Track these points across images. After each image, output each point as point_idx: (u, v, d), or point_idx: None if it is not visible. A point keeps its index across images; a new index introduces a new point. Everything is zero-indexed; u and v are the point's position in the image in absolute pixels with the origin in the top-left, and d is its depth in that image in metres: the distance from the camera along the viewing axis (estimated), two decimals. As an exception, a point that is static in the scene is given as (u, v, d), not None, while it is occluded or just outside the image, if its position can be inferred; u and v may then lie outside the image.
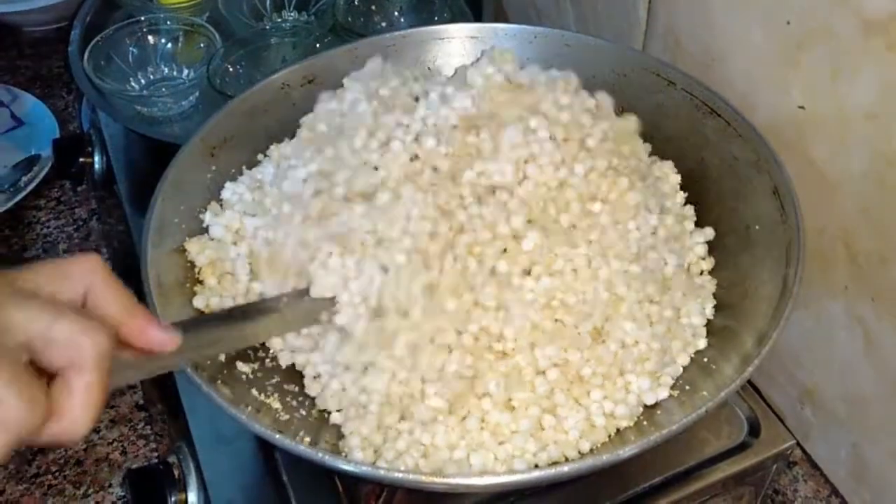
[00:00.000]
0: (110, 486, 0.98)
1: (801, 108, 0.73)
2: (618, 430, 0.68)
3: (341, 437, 0.68)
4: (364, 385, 0.68)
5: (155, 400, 1.02)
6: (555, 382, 0.67)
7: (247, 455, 0.80)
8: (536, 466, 0.64)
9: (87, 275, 0.50)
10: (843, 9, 0.65)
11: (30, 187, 1.27)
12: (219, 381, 0.66)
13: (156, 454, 1.01)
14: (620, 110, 0.87)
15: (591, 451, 0.66)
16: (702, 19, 0.83)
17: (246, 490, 0.78)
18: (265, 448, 0.79)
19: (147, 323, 0.53)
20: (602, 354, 0.68)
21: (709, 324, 0.74)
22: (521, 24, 0.92)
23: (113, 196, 1.14)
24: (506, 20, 1.25)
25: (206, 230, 0.79)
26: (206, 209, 0.80)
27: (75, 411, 0.47)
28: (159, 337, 0.53)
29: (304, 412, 0.70)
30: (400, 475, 0.60)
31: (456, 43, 0.92)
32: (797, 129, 0.74)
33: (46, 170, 1.29)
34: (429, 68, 0.92)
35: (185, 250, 0.76)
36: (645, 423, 0.68)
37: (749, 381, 0.86)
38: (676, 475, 0.77)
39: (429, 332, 0.66)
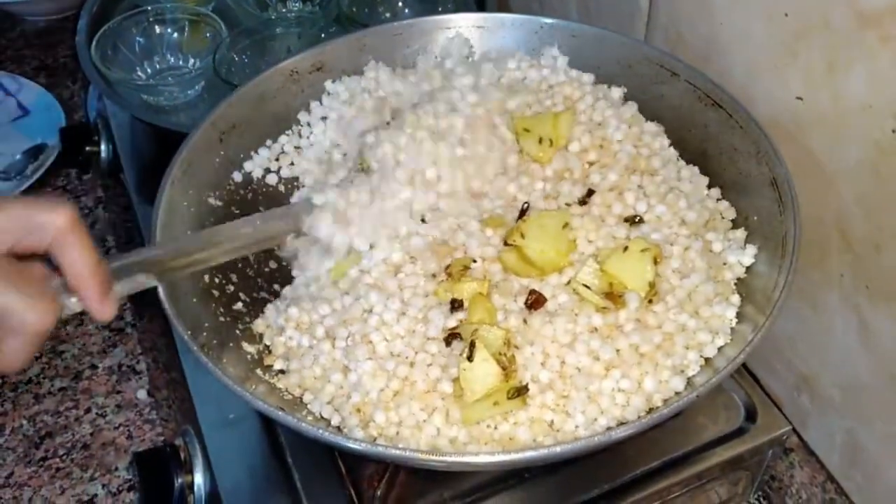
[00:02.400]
0: (116, 469, 0.99)
1: (800, 99, 0.74)
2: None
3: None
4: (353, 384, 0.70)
5: (161, 386, 1.03)
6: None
7: (252, 437, 0.81)
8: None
9: (56, 230, 0.54)
10: (839, 2, 0.66)
11: (36, 175, 1.28)
12: (225, 362, 0.67)
13: (161, 439, 1.02)
14: (624, 100, 0.89)
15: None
16: (703, 11, 0.84)
17: (251, 471, 0.79)
18: (270, 431, 0.81)
19: (88, 295, 0.57)
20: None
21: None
22: (528, 15, 0.93)
23: (119, 184, 1.15)
24: (508, 10, 1.26)
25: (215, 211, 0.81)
26: (214, 194, 0.81)
27: (9, 366, 0.53)
28: (94, 311, 0.58)
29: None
30: (398, 452, 0.61)
31: (462, 32, 0.93)
32: (795, 120, 0.75)
33: (52, 158, 1.30)
34: (436, 57, 0.93)
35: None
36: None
37: (747, 370, 0.87)
38: (674, 459, 0.79)
39: None
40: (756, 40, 0.78)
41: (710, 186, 0.81)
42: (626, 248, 0.73)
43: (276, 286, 0.80)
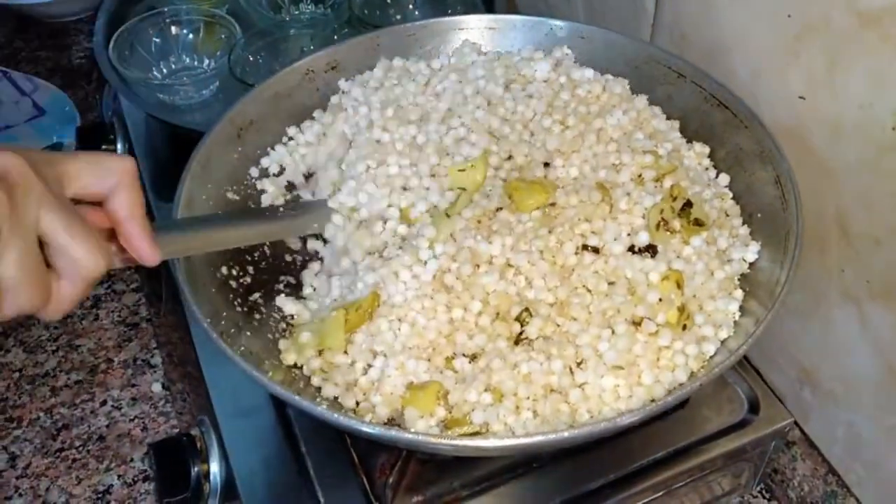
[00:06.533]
0: (132, 460, 1.01)
1: (802, 98, 0.76)
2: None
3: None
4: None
5: (175, 379, 1.05)
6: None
7: (267, 427, 0.83)
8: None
9: (121, 174, 0.58)
10: (840, 2, 0.68)
11: (52, 174, 1.30)
12: (242, 349, 0.69)
13: (175, 431, 1.04)
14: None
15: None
16: (707, 12, 0.86)
17: (266, 460, 0.81)
18: (284, 420, 0.82)
19: (140, 236, 0.59)
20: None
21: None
22: (536, 16, 0.95)
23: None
24: (516, 11, 1.28)
25: (233, 205, 0.83)
26: (231, 188, 0.83)
27: (57, 309, 0.55)
28: (144, 252, 0.60)
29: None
30: (410, 436, 0.63)
31: (475, 33, 0.96)
32: (797, 119, 0.77)
33: (68, 157, 1.32)
34: (449, 54, 0.95)
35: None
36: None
37: (750, 363, 0.89)
38: (679, 450, 0.81)
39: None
40: (759, 41, 0.80)
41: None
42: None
43: (291, 278, 0.82)
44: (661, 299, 0.72)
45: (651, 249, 0.76)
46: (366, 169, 0.83)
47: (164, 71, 1.19)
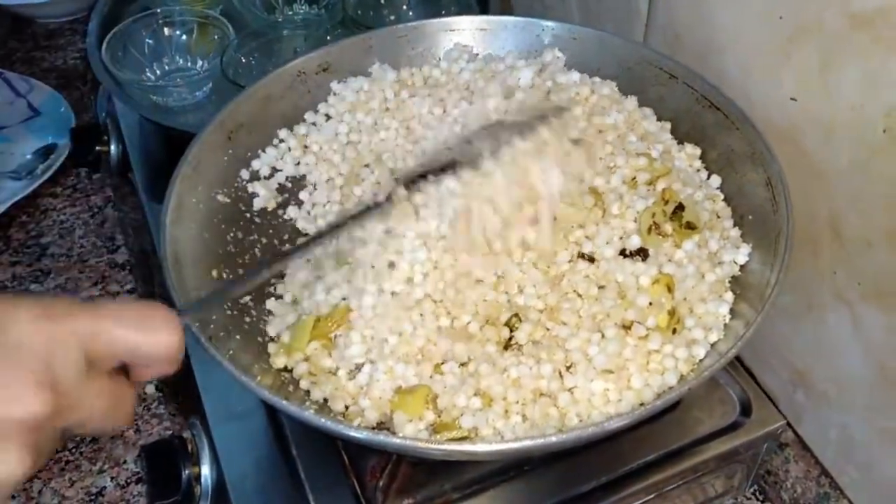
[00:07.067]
0: (125, 462, 1.01)
1: (793, 99, 0.76)
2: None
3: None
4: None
5: (168, 381, 1.05)
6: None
7: (258, 430, 0.82)
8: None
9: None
10: (832, 4, 0.68)
11: (46, 175, 1.30)
12: (231, 353, 0.69)
13: (169, 433, 1.03)
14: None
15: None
16: (699, 13, 0.86)
17: (257, 463, 0.80)
18: (275, 423, 0.82)
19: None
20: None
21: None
22: (530, 17, 0.95)
23: (128, 184, 1.17)
24: (510, 11, 1.28)
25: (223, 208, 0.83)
26: (222, 191, 0.83)
27: None
28: None
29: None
30: (398, 441, 0.63)
31: (466, 35, 0.96)
32: (789, 120, 0.77)
33: (63, 158, 1.32)
34: (439, 58, 0.95)
35: (201, 232, 0.79)
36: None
37: (742, 365, 0.89)
38: (670, 452, 0.81)
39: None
40: (751, 42, 0.80)
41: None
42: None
43: (282, 282, 0.81)
44: (651, 303, 0.72)
45: (642, 253, 0.76)
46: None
47: (158, 72, 1.19)
